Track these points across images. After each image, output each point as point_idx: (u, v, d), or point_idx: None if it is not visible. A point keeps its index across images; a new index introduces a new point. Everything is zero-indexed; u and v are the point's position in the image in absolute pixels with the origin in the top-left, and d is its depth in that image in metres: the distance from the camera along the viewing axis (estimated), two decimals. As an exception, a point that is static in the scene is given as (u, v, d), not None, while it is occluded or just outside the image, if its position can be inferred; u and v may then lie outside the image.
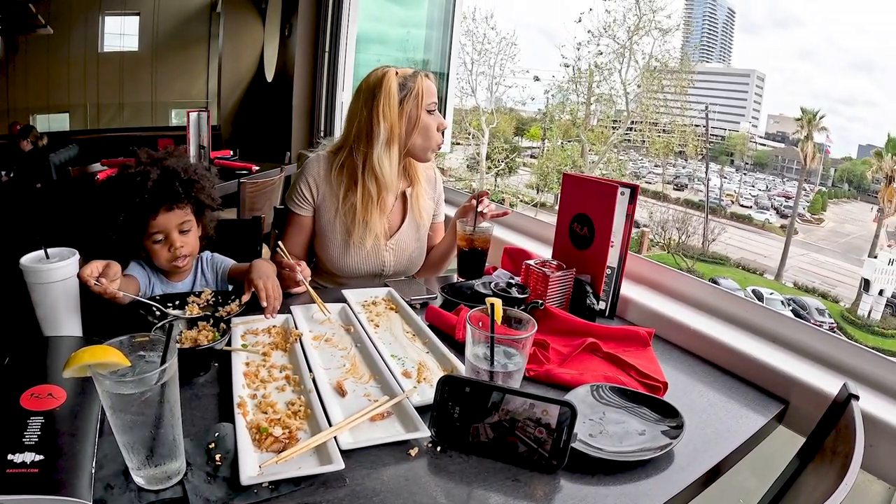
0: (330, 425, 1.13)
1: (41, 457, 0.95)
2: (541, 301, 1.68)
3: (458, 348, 1.51)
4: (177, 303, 1.60)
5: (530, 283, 1.79)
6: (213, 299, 1.64)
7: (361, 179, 2.02)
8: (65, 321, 1.40)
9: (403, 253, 2.16)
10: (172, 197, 1.62)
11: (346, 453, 1.06)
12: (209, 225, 1.80)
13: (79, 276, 1.39)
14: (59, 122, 7.46)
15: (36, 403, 1.09)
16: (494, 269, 2.08)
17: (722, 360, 1.59)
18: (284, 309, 1.66)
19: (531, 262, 1.81)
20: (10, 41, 7.02)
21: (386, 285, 1.94)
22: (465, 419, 1.13)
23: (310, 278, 1.80)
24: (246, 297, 1.54)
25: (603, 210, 1.77)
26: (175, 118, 7.97)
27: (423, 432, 1.14)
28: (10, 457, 0.93)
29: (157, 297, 1.61)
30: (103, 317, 1.52)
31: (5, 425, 1.02)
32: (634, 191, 1.75)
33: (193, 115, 3.97)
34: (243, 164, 4.32)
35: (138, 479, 0.96)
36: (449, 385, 1.14)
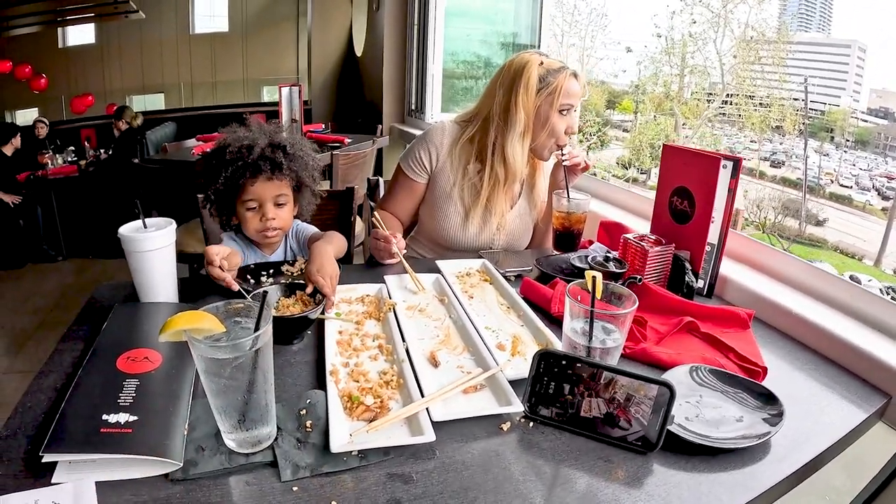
0: (422, 396, 1.11)
1: (135, 417, 0.97)
2: (639, 276, 1.61)
3: (554, 322, 1.47)
4: (271, 271, 1.62)
5: (628, 257, 1.72)
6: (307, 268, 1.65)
7: (490, 160, 1.98)
8: (161, 288, 1.43)
9: (513, 234, 2.12)
10: (274, 167, 1.61)
11: (437, 425, 1.03)
12: (306, 207, 1.79)
13: (206, 253, 1.43)
14: (154, 102, 7.77)
15: (132, 366, 1.12)
16: (590, 242, 2.02)
17: (824, 347, 1.47)
18: (378, 278, 1.66)
19: (629, 236, 1.75)
20: (104, 27, 7.31)
21: (480, 256, 1.90)
22: (559, 395, 1.09)
23: (405, 251, 1.77)
24: (308, 290, 1.45)
25: (704, 183, 1.67)
26: (266, 95, 8.18)
27: (516, 407, 1.10)
28: (105, 417, 0.96)
29: (252, 266, 1.63)
30: (197, 284, 1.55)
31: (102, 387, 1.05)
32: (737, 164, 1.64)
33: (286, 90, 4.02)
34: (335, 138, 4.30)
35: (229, 443, 0.97)
36: (545, 360, 1.10)
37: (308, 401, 1.09)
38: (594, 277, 1.17)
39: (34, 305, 4.61)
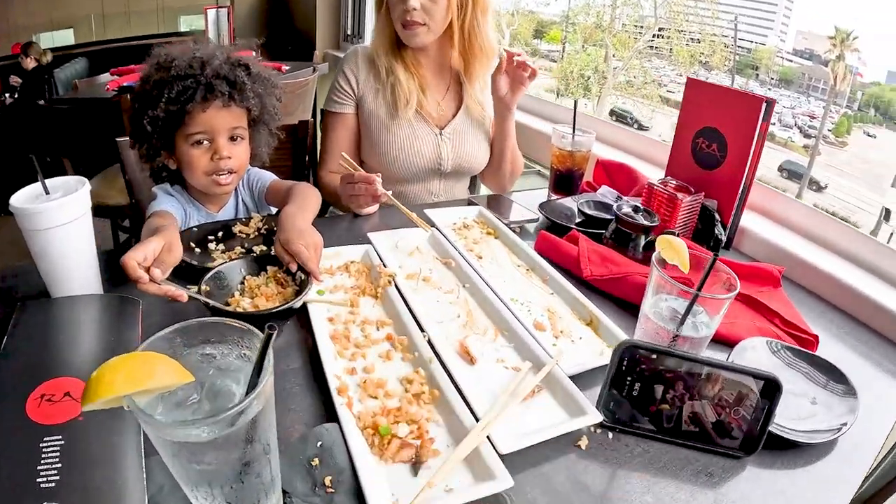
0: (471, 411, 0.81)
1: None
2: (676, 230, 1.36)
3: (585, 286, 1.22)
4: (220, 235, 1.27)
5: (652, 206, 1.47)
6: (265, 227, 1.31)
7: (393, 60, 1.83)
8: (76, 275, 1.01)
9: (462, 145, 1.88)
10: (233, 88, 1.25)
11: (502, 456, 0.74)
12: (261, 150, 1.43)
13: (124, 268, 0.95)
14: (63, 38, 7.22)
15: (49, 412, 0.73)
16: (589, 184, 1.79)
17: (853, 308, 1.32)
18: (359, 237, 1.32)
19: (654, 182, 1.49)
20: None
21: (472, 203, 1.61)
22: (648, 401, 0.84)
23: (389, 192, 1.42)
24: (293, 267, 1.09)
25: (740, 125, 1.44)
26: (183, 24, 7.68)
27: (593, 416, 0.82)
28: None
29: (195, 229, 1.28)
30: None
31: (12, 452, 0.67)
32: (770, 105, 1.41)
33: (212, 13, 3.60)
34: (272, 65, 3.79)
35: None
36: (629, 354, 0.82)
37: (319, 443, 0.74)
38: (714, 257, 0.93)
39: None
